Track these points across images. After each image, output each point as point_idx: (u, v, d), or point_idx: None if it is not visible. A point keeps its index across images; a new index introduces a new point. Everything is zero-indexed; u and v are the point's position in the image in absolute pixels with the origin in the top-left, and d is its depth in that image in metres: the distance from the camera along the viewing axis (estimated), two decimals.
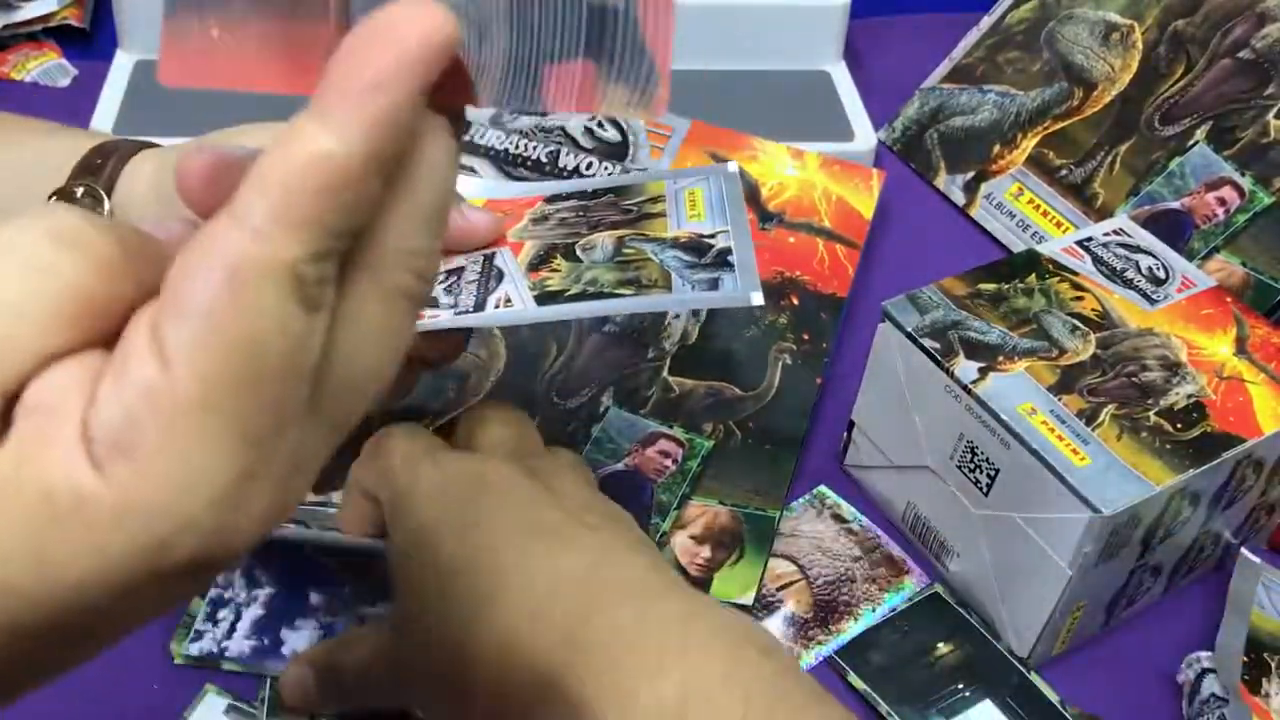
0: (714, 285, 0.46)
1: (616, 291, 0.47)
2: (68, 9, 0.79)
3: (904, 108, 0.76)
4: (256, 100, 0.39)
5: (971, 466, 0.50)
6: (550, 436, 0.46)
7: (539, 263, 0.49)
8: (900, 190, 0.72)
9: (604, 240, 0.50)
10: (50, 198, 0.48)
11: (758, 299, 0.43)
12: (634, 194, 0.53)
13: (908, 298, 0.53)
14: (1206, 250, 0.64)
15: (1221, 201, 0.64)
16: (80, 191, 0.48)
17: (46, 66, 0.78)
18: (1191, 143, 0.66)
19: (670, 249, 0.49)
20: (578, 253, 0.49)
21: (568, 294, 0.47)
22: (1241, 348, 0.52)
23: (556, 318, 0.45)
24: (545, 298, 0.47)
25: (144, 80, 0.73)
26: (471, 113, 0.71)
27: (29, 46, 0.79)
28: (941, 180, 0.73)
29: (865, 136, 0.73)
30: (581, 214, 0.52)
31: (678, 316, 0.60)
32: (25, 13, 0.78)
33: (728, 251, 0.48)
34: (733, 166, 0.52)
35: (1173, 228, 0.64)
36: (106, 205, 0.48)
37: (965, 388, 0.49)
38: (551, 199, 0.53)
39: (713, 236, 0.49)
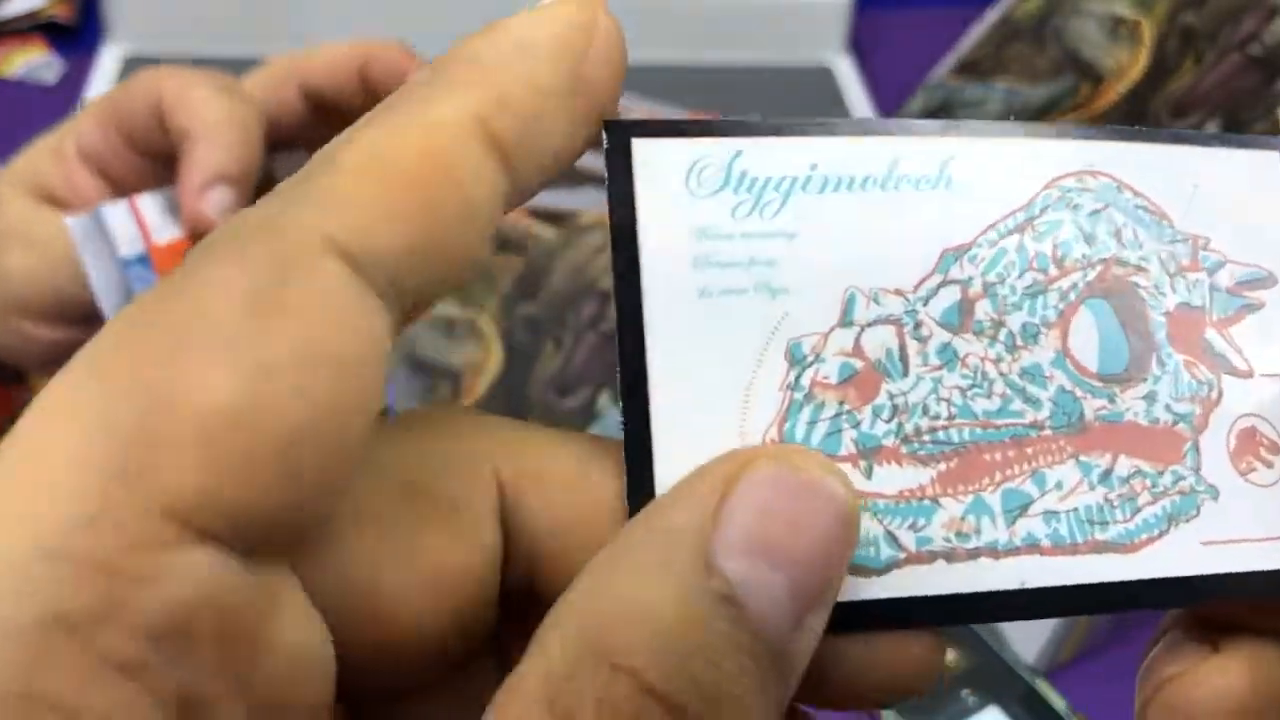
0: None
1: None
2: (55, 5, 0.78)
3: (909, 102, 0.75)
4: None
5: None
6: None
7: None
8: None
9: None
10: None
11: None
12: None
13: None
14: None
15: None
16: None
17: (33, 62, 0.77)
18: None
19: None
20: None
21: None
22: None
23: None
24: None
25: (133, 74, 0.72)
26: None
27: (15, 40, 0.78)
28: None
29: None
30: None
31: None
32: (11, 9, 0.77)
33: None
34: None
35: None
36: None
37: None
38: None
39: None
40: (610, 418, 0.55)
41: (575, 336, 0.57)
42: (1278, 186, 0.21)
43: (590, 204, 0.62)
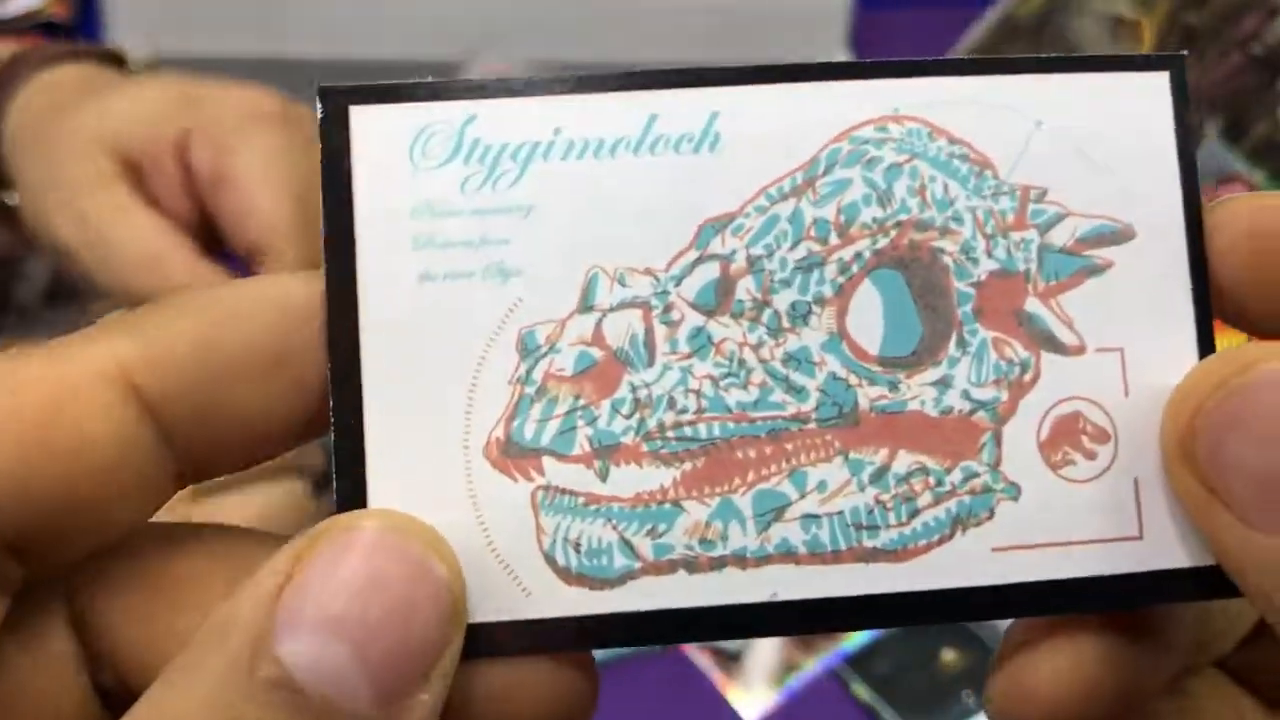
0: None
1: None
2: (53, 5, 0.78)
3: None
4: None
5: None
6: None
7: None
8: None
9: None
10: None
11: None
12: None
13: None
14: None
15: None
16: None
17: None
18: (1202, 138, 0.65)
19: None
20: None
21: None
22: None
23: None
24: None
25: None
26: None
27: (12, 39, 0.78)
28: None
29: None
30: None
31: None
32: (9, 9, 0.77)
33: None
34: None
35: None
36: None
37: None
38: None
39: None
40: None
41: None
42: (1155, 113, 0.18)
43: None
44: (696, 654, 0.48)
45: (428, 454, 0.16)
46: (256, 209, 0.42)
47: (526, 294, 0.17)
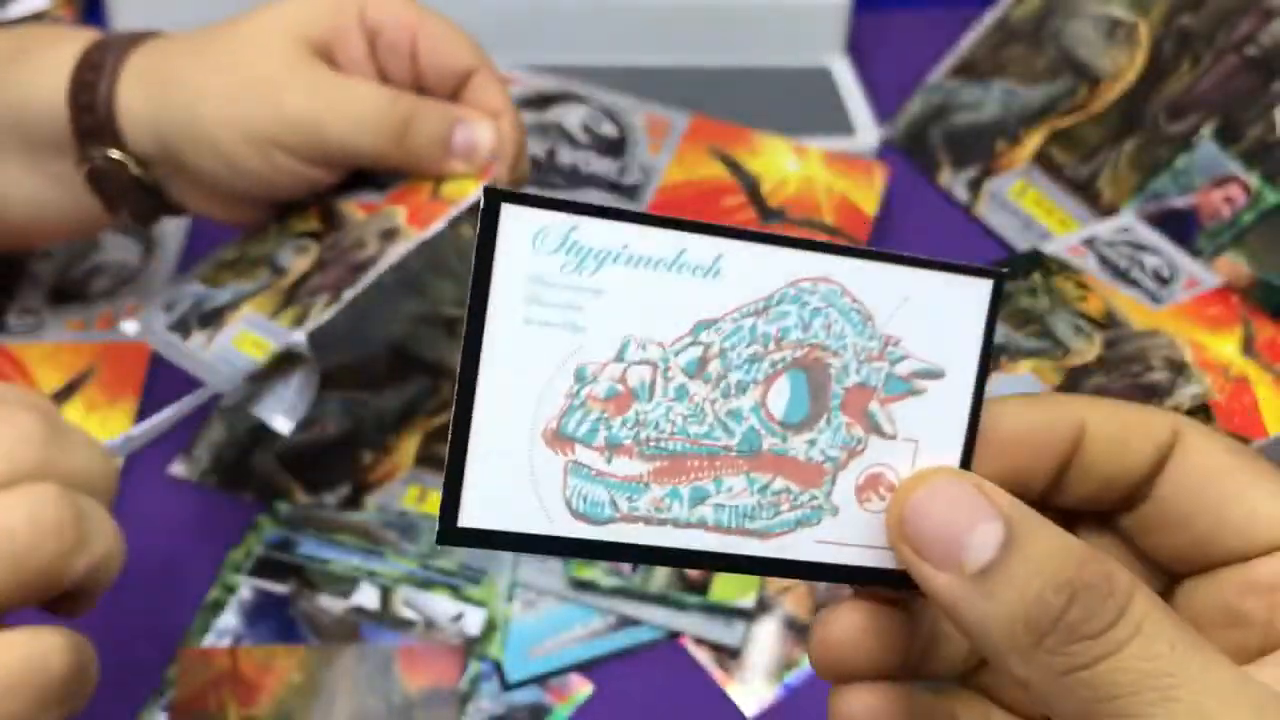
0: None
1: None
2: (60, 7, 0.79)
3: (907, 104, 0.75)
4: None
5: None
6: None
7: None
8: (903, 188, 0.71)
9: None
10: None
11: None
12: None
13: None
14: (1213, 249, 0.63)
15: (1228, 200, 0.63)
16: (98, 157, 0.48)
17: None
18: (1197, 139, 0.65)
19: None
20: None
21: None
22: (1248, 348, 0.51)
23: None
24: None
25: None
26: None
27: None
28: (945, 177, 0.72)
29: (867, 133, 0.72)
30: None
31: None
32: (15, 10, 0.77)
33: None
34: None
35: (1179, 226, 0.64)
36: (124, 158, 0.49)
37: None
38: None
39: None
40: None
41: None
42: (975, 306, 0.27)
43: None
44: (696, 650, 0.49)
45: (508, 431, 0.25)
46: (460, 37, 0.49)
47: (585, 343, 0.25)
